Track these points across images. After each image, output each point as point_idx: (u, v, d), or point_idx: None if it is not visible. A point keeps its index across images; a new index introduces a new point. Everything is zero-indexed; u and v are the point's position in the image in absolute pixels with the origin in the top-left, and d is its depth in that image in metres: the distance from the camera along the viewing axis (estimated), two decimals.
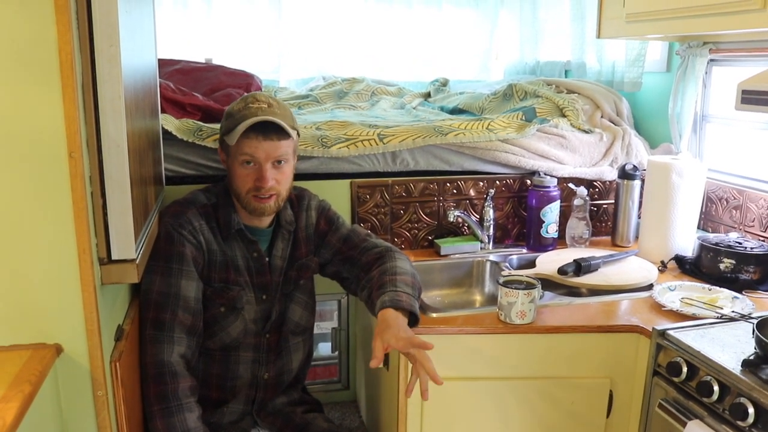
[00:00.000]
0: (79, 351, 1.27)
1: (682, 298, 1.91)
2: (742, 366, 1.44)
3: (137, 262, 1.32)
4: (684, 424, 1.51)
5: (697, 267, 2.15)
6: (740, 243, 2.09)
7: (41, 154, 1.17)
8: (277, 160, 1.76)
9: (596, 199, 2.58)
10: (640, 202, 2.43)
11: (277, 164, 1.76)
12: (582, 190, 2.43)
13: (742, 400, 1.38)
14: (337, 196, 2.27)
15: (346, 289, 2.01)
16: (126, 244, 1.29)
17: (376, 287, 1.77)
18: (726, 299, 1.90)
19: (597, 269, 2.16)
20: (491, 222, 2.43)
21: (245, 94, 2.42)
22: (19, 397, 1.05)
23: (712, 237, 2.18)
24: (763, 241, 2.16)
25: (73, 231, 1.21)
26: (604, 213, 2.61)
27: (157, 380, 1.66)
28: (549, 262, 2.22)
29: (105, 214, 1.26)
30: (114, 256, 1.29)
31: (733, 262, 2.03)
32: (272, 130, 1.73)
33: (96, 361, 1.29)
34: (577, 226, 2.45)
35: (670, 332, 1.65)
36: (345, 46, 3.70)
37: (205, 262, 1.77)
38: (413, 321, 1.71)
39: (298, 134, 1.84)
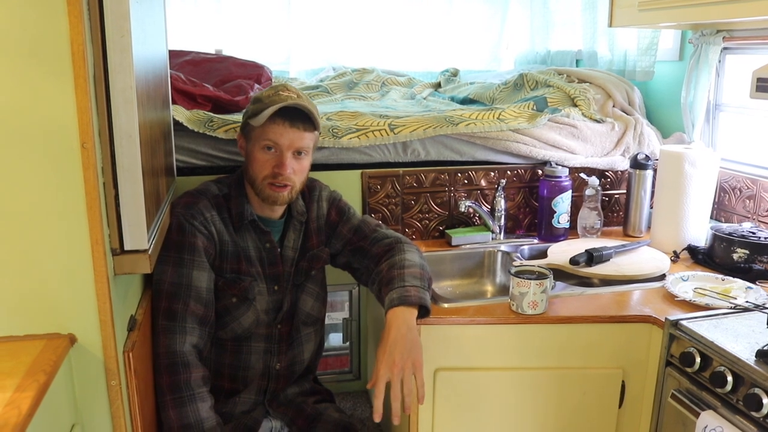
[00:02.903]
0: (93, 341, 1.28)
1: (695, 289, 1.90)
2: (756, 356, 1.43)
3: (149, 252, 1.32)
4: (697, 415, 1.51)
5: (710, 257, 2.13)
6: (754, 233, 2.07)
7: (54, 145, 1.17)
8: (298, 150, 1.76)
9: (608, 189, 2.57)
10: (652, 192, 2.42)
11: (297, 155, 1.77)
12: (594, 180, 2.42)
13: (756, 390, 1.37)
14: (347, 187, 2.27)
15: (357, 280, 2.01)
16: (138, 234, 1.30)
17: (385, 282, 1.77)
18: (739, 289, 1.89)
19: (609, 259, 2.15)
20: (502, 212, 2.42)
21: (256, 85, 2.44)
22: (34, 386, 1.06)
23: (726, 227, 2.16)
24: None
25: (86, 222, 1.21)
26: (615, 203, 2.60)
27: (170, 370, 1.67)
28: (560, 252, 2.22)
29: (117, 205, 1.27)
30: (126, 247, 1.30)
31: (747, 252, 2.02)
32: (299, 119, 1.74)
33: (109, 351, 1.29)
34: (589, 216, 2.44)
35: (683, 322, 1.64)
36: (355, 36, 3.70)
37: (217, 252, 1.77)
38: (424, 313, 1.71)
39: (319, 132, 1.85)
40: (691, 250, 2.21)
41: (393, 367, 1.59)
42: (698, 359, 1.54)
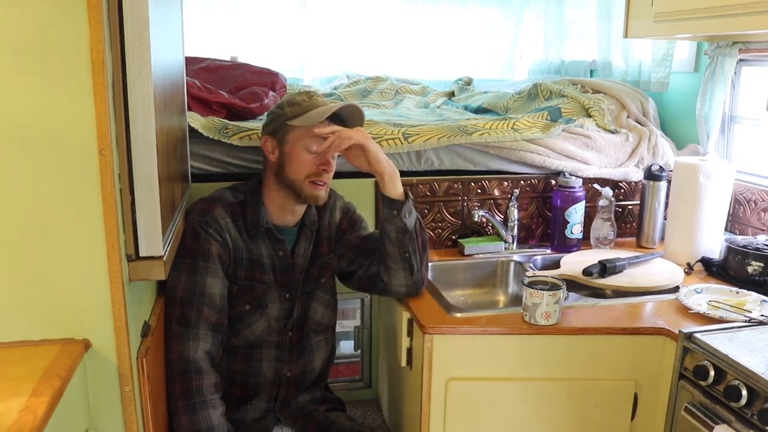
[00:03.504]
0: (107, 346, 1.29)
1: (709, 301, 1.89)
2: None
3: (164, 259, 1.33)
4: (711, 429, 1.49)
5: (724, 270, 2.12)
6: None
7: (72, 151, 1.19)
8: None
9: (621, 200, 2.56)
10: (666, 204, 2.41)
11: (333, 156, 1.82)
12: (607, 191, 2.41)
13: None
14: (361, 195, 2.27)
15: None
16: (154, 241, 1.31)
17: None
18: (754, 302, 1.87)
19: (622, 270, 2.14)
20: (515, 222, 2.42)
21: (270, 92, 2.44)
22: (49, 391, 1.06)
23: (740, 239, 2.15)
24: None
25: (103, 228, 1.22)
26: (629, 214, 2.59)
27: (182, 377, 1.67)
28: (573, 263, 2.21)
29: (133, 211, 1.28)
30: (142, 253, 1.31)
31: (762, 265, 2.01)
32: (337, 122, 1.80)
33: (123, 357, 1.30)
34: (602, 227, 2.43)
35: (697, 335, 1.63)
36: (369, 44, 3.71)
37: (231, 260, 1.78)
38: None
39: None
40: (705, 262, 2.20)
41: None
42: (712, 372, 1.53)
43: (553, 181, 2.46)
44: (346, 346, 2.53)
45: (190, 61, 2.57)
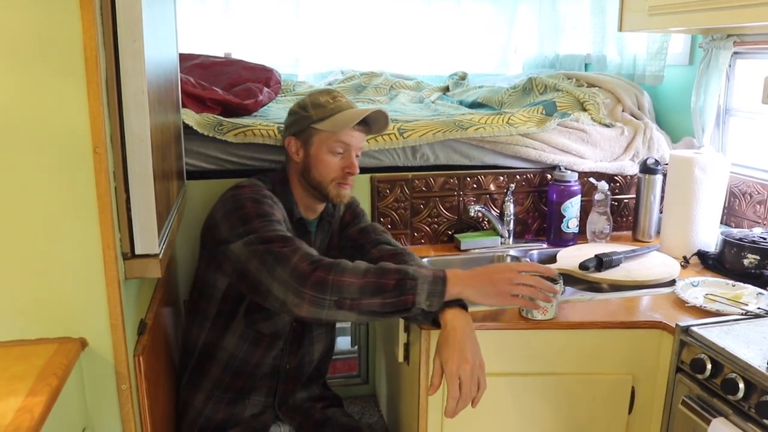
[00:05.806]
0: (104, 345, 1.28)
1: (706, 294, 1.89)
2: None
3: (160, 257, 1.33)
4: (708, 422, 1.49)
5: (720, 263, 2.12)
6: (765, 238, 2.06)
7: (66, 150, 1.18)
8: (359, 150, 1.85)
9: (617, 194, 2.57)
10: (662, 197, 2.41)
11: (356, 155, 1.84)
12: (603, 185, 2.41)
13: None
14: (357, 191, 2.26)
15: None
16: (149, 239, 1.30)
17: None
18: (750, 295, 1.87)
19: (618, 264, 2.14)
20: (511, 217, 2.42)
21: (265, 88, 2.44)
22: (46, 390, 1.06)
23: (736, 232, 2.15)
24: None
25: (98, 226, 1.22)
26: (625, 208, 2.59)
27: (326, 268, 1.54)
28: (570, 257, 2.21)
29: (129, 209, 1.27)
30: (137, 251, 1.30)
31: (758, 257, 2.01)
32: (361, 122, 1.80)
33: (120, 355, 1.30)
34: (598, 221, 2.43)
35: (694, 329, 1.63)
36: (363, 40, 3.70)
37: None
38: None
39: None
40: (701, 255, 2.20)
41: (464, 363, 1.54)
42: (709, 366, 1.53)
43: (549, 176, 2.46)
44: (343, 342, 2.53)
45: (183, 57, 2.56)
